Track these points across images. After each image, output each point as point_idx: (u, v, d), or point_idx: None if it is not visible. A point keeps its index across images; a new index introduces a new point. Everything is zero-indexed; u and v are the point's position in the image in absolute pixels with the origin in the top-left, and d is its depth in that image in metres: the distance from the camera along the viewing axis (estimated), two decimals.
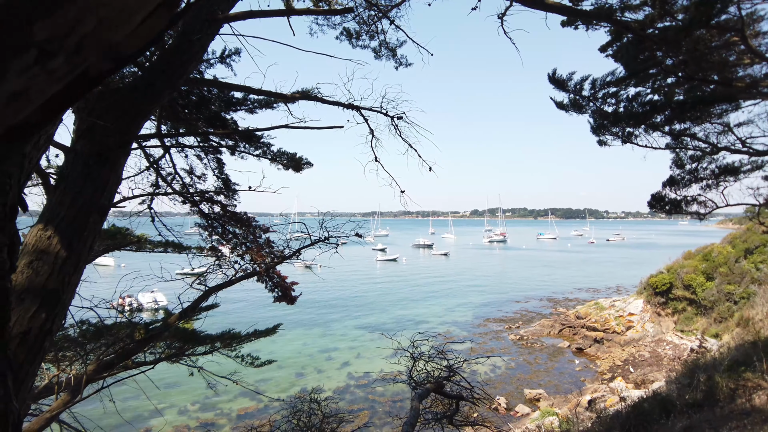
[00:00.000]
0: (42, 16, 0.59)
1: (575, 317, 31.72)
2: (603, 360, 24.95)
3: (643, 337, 26.11)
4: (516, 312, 38.60)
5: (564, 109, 8.56)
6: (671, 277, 27.16)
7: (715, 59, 7.34)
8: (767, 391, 7.82)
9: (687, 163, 8.28)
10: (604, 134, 8.34)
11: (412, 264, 75.27)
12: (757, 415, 6.49)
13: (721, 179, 7.99)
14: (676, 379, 11.50)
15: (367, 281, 55.21)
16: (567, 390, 21.12)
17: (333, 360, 26.59)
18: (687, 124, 7.87)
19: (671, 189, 8.44)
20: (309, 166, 8.11)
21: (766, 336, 12.52)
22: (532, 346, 28.33)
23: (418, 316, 36.68)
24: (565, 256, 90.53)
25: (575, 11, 5.71)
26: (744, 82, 7.68)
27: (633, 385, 20.10)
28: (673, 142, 8.19)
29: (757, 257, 24.50)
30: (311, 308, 37.55)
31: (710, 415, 7.40)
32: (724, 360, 10.94)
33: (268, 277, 6.26)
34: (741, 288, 23.37)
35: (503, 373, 23.96)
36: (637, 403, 9.91)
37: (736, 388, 8.58)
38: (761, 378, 8.46)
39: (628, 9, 7.07)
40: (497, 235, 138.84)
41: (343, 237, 6.19)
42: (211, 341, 7.08)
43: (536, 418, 17.17)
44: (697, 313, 25.10)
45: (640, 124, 7.70)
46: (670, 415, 8.26)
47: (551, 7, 5.27)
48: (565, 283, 54.04)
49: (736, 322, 20.26)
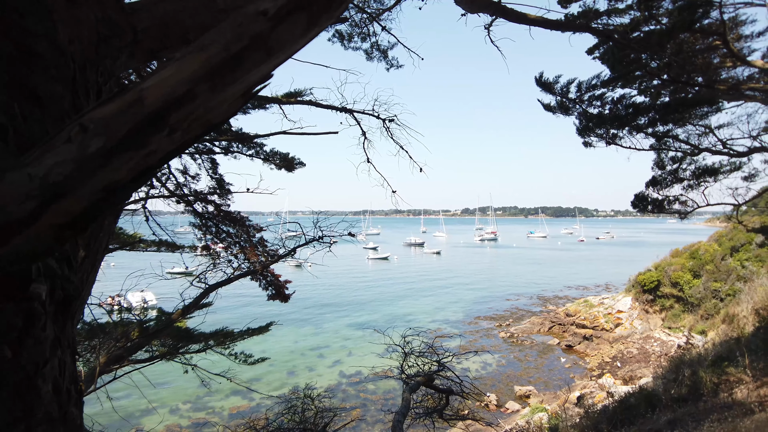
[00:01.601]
0: (176, 109, 1.02)
1: (565, 315, 32.03)
2: (592, 357, 25.25)
3: (632, 334, 26.43)
4: (506, 310, 38.86)
5: (551, 111, 8.72)
6: (659, 274, 27.51)
7: (698, 62, 7.52)
8: (748, 385, 8.03)
9: (668, 165, 8.48)
10: (589, 136, 8.51)
11: (404, 262, 75.39)
12: (738, 408, 6.69)
13: (701, 180, 8.19)
14: (662, 375, 11.73)
15: (358, 280, 55.27)
16: (556, 386, 21.35)
17: (324, 358, 26.66)
18: (670, 126, 8.07)
19: (654, 189, 8.64)
20: (301, 165, 8.19)
21: (749, 332, 12.79)
22: (523, 344, 28.58)
23: (410, 314, 36.82)
24: (555, 254, 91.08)
25: (557, 23, 5.88)
26: (726, 84, 7.88)
27: (621, 381, 20.36)
28: (657, 143, 8.38)
29: (742, 255, 24.89)
30: (302, 307, 37.56)
31: (693, 409, 7.59)
32: (709, 355, 11.19)
33: (262, 275, 6.35)
34: (727, 285, 23.76)
35: (494, 371, 24.18)
36: (623, 398, 10.10)
37: (719, 383, 8.80)
38: (743, 372, 8.68)
39: (615, 13, 7.24)
40: (488, 234, 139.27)
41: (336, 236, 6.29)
42: (205, 339, 7.16)
43: (526, 415, 17.39)
44: (684, 310, 25.45)
45: (624, 126, 7.88)
46: (655, 409, 8.46)
47: (534, 21, 5.42)
48: (555, 281, 54.39)
49: (722, 319, 20.60)
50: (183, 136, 1.07)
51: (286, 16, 1.07)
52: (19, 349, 1.05)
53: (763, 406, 6.68)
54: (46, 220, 0.96)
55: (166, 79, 1.01)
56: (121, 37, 1.48)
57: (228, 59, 1.04)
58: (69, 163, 0.95)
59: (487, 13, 5.00)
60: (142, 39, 1.53)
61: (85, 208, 1.00)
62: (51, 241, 1.00)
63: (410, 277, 58.65)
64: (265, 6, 1.05)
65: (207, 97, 1.05)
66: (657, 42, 6.64)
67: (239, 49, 1.04)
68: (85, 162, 0.96)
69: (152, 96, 1.00)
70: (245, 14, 1.06)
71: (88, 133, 0.97)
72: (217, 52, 1.03)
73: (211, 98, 1.06)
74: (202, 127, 1.10)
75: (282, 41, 1.10)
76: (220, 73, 1.05)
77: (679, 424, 6.81)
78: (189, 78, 1.02)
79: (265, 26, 1.05)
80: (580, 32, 6.37)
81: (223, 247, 6.88)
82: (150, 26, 1.53)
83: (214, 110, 1.09)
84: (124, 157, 1.01)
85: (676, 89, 8.46)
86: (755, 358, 9.32)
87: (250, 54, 1.06)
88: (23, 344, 1.07)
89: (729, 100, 8.47)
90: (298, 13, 1.08)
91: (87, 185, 0.98)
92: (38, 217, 0.95)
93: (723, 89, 7.90)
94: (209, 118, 1.09)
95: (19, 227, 0.93)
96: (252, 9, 1.06)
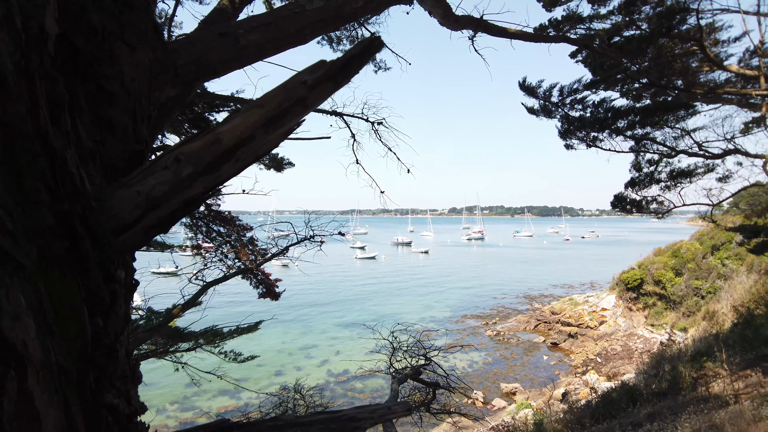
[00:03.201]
0: (241, 147, 1.53)
1: (550, 313, 32.44)
2: (577, 354, 25.60)
3: (616, 331, 26.84)
4: (493, 308, 39.18)
5: (535, 114, 8.94)
6: (642, 273, 27.96)
7: (677, 66, 7.75)
8: (725, 379, 8.30)
9: (644, 167, 8.74)
10: (570, 139, 8.74)
11: (392, 262, 75.52)
12: (714, 401, 6.93)
13: (678, 181, 8.45)
14: (644, 371, 12.01)
15: (346, 279, 55.26)
16: (542, 383, 21.61)
17: (313, 357, 26.69)
18: (648, 129, 8.31)
19: (633, 190, 8.89)
20: (290, 166, 8.29)
21: (728, 328, 13.14)
22: (509, 342, 28.87)
23: (397, 313, 36.94)
24: (541, 253, 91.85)
25: (536, 36, 6.10)
26: (704, 88, 8.13)
27: (605, 377, 20.70)
28: (636, 145, 8.63)
29: (723, 253, 25.39)
30: (290, 306, 37.51)
31: (672, 403, 7.84)
32: (688, 351, 11.50)
33: (253, 274, 6.45)
34: (708, 283, 24.25)
35: (480, 368, 24.41)
36: (606, 393, 10.34)
37: (697, 377, 9.07)
38: (720, 367, 8.96)
39: (597, 18, 7.44)
40: (475, 233, 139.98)
41: (326, 235, 6.40)
42: (195, 338, 7.22)
43: (512, 411, 17.62)
44: (667, 308, 25.91)
45: (605, 129, 8.10)
46: (636, 403, 8.69)
47: (514, 35, 5.62)
48: (541, 279, 54.90)
49: (702, 316, 21.06)
50: (241, 165, 1.58)
51: (319, 84, 1.62)
52: (106, 320, 1.39)
53: (737, 398, 6.94)
54: (143, 223, 1.38)
55: (237, 126, 1.52)
56: (166, 72, 1.90)
57: (278, 113, 1.56)
58: (166, 183, 1.40)
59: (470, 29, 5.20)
60: (181, 73, 1.97)
61: (170, 214, 1.44)
62: (142, 237, 1.41)
63: (398, 276, 58.78)
64: (306, 78, 1.60)
65: (261, 138, 1.55)
66: (636, 48, 6.86)
67: (286, 107, 1.56)
68: (178, 183, 1.41)
69: (227, 137, 1.50)
70: (292, 82, 1.63)
71: (181, 162, 1.43)
72: (271, 109, 1.55)
73: (264, 138, 1.56)
74: (254, 157, 1.61)
75: (315, 100, 1.65)
76: (272, 122, 1.56)
77: (658, 417, 7.04)
78: (251, 126, 1.52)
79: (305, 92, 1.59)
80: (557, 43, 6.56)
81: (213, 246, 6.95)
82: (187, 63, 1.97)
83: (264, 146, 1.60)
84: (203, 180, 1.47)
85: (657, 92, 8.70)
86: (732, 353, 9.63)
87: (293, 109, 1.58)
88: (109, 317, 1.41)
89: (707, 102, 8.72)
90: (327, 82, 1.63)
91: (175, 199, 1.40)
92: (139, 221, 1.38)
93: (701, 92, 8.15)
94: (260, 152, 1.61)
95: (125, 228, 1.37)
96: (297, 79, 1.60)
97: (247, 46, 2.08)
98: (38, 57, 1.21)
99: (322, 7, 2.40)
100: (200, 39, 2.07)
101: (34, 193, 1.15)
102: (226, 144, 1.50)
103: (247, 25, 2.16)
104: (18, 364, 1.04)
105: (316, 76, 1.62)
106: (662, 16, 6.55)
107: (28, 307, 1.10)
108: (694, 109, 8.10)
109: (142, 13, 1.79)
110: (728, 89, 7.91)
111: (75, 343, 1.25)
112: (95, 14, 1.63)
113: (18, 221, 1.10)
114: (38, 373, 1.10)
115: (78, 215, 1.25)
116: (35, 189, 1.15)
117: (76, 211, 1.24)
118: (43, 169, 1.17)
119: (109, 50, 1.66)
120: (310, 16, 2.36)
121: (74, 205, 1.25)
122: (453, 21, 4.79)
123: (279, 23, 2.23)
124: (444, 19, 4.76)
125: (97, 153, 1.56)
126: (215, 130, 1.52)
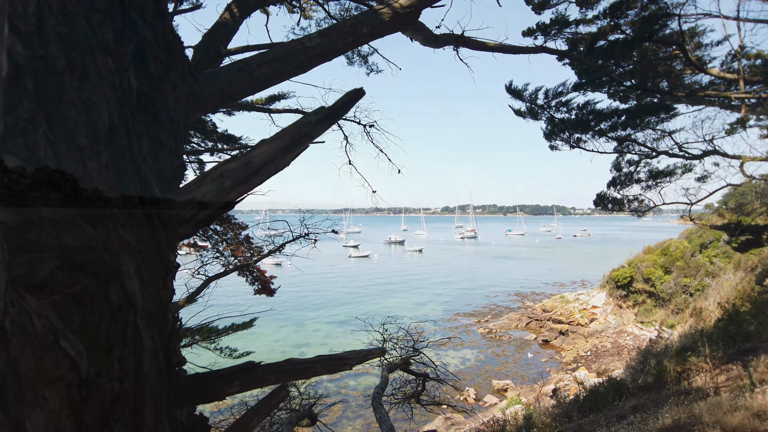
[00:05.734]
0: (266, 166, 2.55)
1: (542, 310, 32.80)
2: (567, 351, 25.93)
3: (606, 328, 27.19)
4: (485, 306, 39.48)
5: (522, 116, 9.15)
6: (632, 271, 28.31)
7: (660, 70, 7.97)
8: (708, 373, 8.54)
9: (624, 167, 9.00)
10: (554, 140, 8.96)
11: (385, 260, 75.70)
12: (696, 393, 7.15)
13: (658, 180, 8.70)
14: (631, 366, 12.27)
15: (339, 277, 55.39)
16: (533, 380, 21.88)
17: (306, 355, 26.70)
18: (629, 131, 8.54)
19: (614, 189, 9.13)
20: None
21: (712, 324, 13.43)
22: (501, 339, 29.16)
23: (390, 311, 37.01)
24: (532, 251, 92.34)
25: (514, 48, 6.41)
26: (687, 90, 8.37)
27: (595, 374, 20.99)
28: (619, 146, 8.86)
29: (711, 251, 25.77)
30: (284, 304, 37.58)
31: (656, 395, 8.07)
32: (674, 347, 11.76)
33: (248, 271, 6.61)
34: (696, 281, 24.63)
35: (472, 366, 24.68)
36: (593, 388, 10.56)
37: (682, 371, 9.31)
38: (704, 361, 9.20)
39: (583, 23, 7.65)
40: (468, 232, 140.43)
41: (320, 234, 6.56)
42: (192, 334, 7.37)
43: (503, 407, 17.86)
44: (656, 305, 26.27)
45: (588, 131, 8.32)
46: (623, 397, 8.92)
47: (493, 48, 5.91)
48: (533, 277, 55.27)
49: (690, 313, 21.42)
50: (265, 178, 2.41)
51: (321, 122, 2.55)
52: (164, 291, 1.90)
53: (718, 390, 7.18)
54: (194, 218, 2.01)
55: (263, 151, 2.38)
56: (197, 101, 2.41)
57: (292, 143, 2.45)
58: (213, 192, 2.07)
59: (451, 46, 5.50)
60: (208, 101, 2.51)
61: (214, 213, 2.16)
62: (193, 229, 2.07)
63: (391, 274, 58.97)
64: (311, 119, 2.48)
65: (279, 159, 2.40)
66: (620, 52, 7.07)
67: (298, 138, 2.46)
68: (221, 191, 2.12)
69: (256, 160, 2.34)
70: (302, 122, 2.52)
71: (224, 177, 2.20)
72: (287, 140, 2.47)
73: (281, 160, 2.42)
74: (273, 173, 2.48)
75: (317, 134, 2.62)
76: (288, 149, 2.44)
77: (642, 409, 7.27)
78: (274, 151, 2.39)
79: (311, 128, 2.49)
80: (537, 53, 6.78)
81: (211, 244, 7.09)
82: (212, 93, 2.53)
83: (282, 165, 2.48)
84: (238, 188, 2.22)
85: (642, 94, 8.93)
86: (715, 348, 9.86)
87: (302, 140, 2.47)
88: (167, 288, 1.96)
89: (692, 104, 8.96)
90: (325, 120, 2.60)
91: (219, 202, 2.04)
92: (193, 217, 1.98)
93: (684, 95, 8.38)
94: (278, 169, 2.48)
95: (183, 222, 1.99)
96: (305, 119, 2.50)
97: (260, 78, 2.68)
98: (129, 108, 1.78)
99: (320, 44, 3.01)
100: (222, 73, 2.64)
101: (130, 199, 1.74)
102: (256, 164, 2.25)
103: (259, 60, 2.76)
104: (133, 309, 1.63)
105: (318, 117, 2.52)
106: (645, 21, 6.75)
107: (134, 270, 1.66)
108: (675, 111, 8.33)
109: (181, 57, 2.27)
110: (710, 92, 8.14)
111: (159, 299, 1.83)
112: (152, 64, 2.08)
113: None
114: (141, 314, 1.68)
115: (156, 213, 1.80)
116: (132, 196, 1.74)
117: (154, 210, 1.79)
118: (133, 183, 1.74)
119: (159, 89, 2.11)
120: (310, 51, 2.96)
121: (153, 206, 1.78)
122: (434, 41, 5.16)
123: (285, 58, 2.85)
124: (426, 41, 5.15)
125: (155, 168, 2.02)
126: (248, 154, 2.34)
